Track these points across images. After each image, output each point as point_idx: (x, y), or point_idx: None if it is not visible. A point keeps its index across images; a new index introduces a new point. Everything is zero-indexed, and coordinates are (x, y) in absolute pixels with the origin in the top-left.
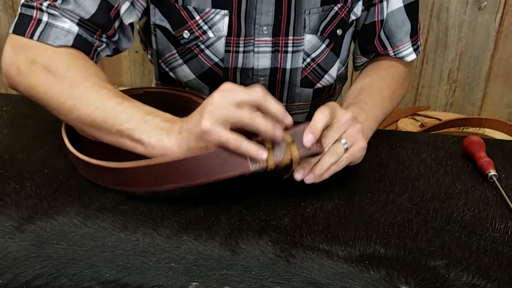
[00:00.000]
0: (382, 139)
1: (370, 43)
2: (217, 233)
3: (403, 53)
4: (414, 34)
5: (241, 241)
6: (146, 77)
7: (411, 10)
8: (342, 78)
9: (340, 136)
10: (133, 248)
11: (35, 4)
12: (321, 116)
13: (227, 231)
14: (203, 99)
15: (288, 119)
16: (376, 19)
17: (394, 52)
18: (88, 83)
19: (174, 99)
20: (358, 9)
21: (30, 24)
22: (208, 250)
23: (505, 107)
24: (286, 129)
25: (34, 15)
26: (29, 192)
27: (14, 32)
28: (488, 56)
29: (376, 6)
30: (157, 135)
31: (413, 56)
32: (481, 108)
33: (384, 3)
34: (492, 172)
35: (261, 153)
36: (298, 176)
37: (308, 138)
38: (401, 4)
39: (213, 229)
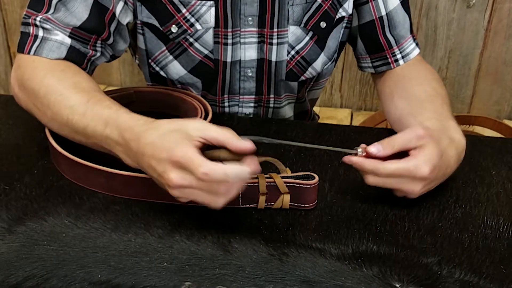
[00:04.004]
0: (374, 137)
1: (373, 41)
2: (209, 232)
3: (407, 50)
4: (412, 30)
5: (234, 240)
6: (135, 77)
7: (407, 5)
8: (328, 73)
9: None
10: (125, 248)
11: (30, 20)
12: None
13: (220, 230)
14: (194, 98)
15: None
16: (374, 17)
17: (399, 49)
18: (60, 87)
19: (166, 98)
20: (349, 6)
21: (28, 41)
22: (200, 249)
23: (494, 105)
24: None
25: (31, 32)
26: (19, 193)
27: (18, 50)
28: (477, 54)
29: (370, 3)
30: (119, 152)
31: (417, 51)
32: (470, 105)
33: (379, 0)
34: None
35: None
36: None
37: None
38: (398, 1)
39: (205, 228)
